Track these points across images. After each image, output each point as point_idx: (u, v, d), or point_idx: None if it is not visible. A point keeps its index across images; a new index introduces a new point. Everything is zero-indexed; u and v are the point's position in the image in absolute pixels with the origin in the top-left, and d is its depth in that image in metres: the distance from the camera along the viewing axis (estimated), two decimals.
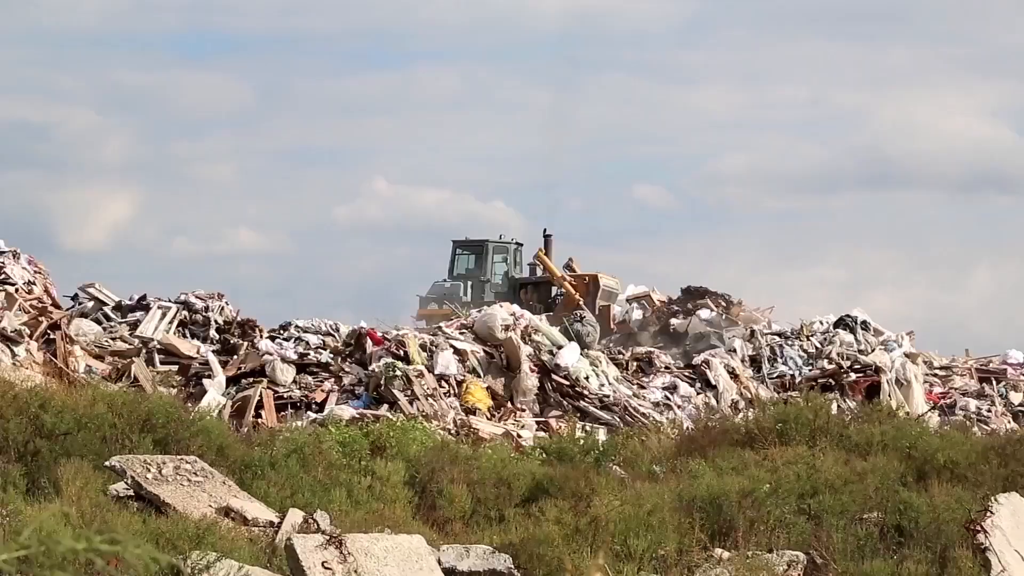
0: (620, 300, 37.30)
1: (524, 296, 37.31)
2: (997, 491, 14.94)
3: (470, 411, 24.67)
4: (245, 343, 26.57)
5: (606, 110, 76.51)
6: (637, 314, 36.46)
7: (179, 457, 14.63)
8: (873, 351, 31.27)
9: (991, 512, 13.62)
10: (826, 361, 31.00)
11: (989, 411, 31.30)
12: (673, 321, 34.56)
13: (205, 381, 24.74)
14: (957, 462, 17.33)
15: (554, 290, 37.55)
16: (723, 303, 36.01)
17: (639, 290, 37.99)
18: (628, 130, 78.18)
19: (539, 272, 37.85)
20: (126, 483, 13.99)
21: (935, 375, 33.59)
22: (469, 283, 37.18)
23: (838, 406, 24.89)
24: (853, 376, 30.03)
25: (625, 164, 79.70)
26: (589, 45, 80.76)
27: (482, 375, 25.96)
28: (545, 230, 37.90)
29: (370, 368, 25.18)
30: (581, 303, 35.74)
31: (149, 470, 14.06)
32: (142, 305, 27.94)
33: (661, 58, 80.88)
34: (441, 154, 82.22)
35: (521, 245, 38.29)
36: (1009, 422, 30.21)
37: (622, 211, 72.76)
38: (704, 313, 34.79)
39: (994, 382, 33.31)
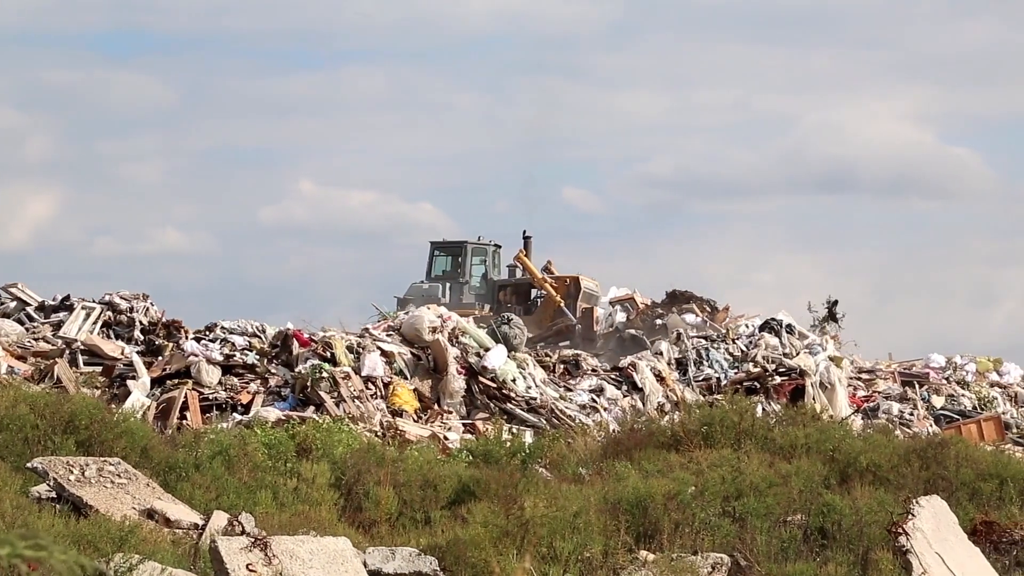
0: (603, 303, 37.20)
1: (503, 298, 37.19)
2: (919, 493, 15.11)
3: (397, 413, 24.61)
4: (170, 344, 26.37)
5: (533, 113, 76.63)
6: (621, 317, 36.35)
7: (102, 459, 14.51)
8: (798, 354, 31.49)
9: (912, 514, 13.77)
10: (751, 364, 31.18)
11: (911, 414, 31.63)
12: (658, 322, 34.49)
13: (129, 382, 24.53)
14: (880, 465, 17.50)
15: (533, 292, 37.42)
16: (708, 308, 36.07)
17: (622, 293, 37.88)
18: (555, 133, 78.29)
19: (519, 274, 37.67)
20: (48, 485, 13.85)
21: (859, 378, 33.89)
22: (447, 284, 36.99)
23: (763, 409, 25.06)
24: (778, 379, 30.23)
25: (552, 167, 79.88)
26: (516, 47, 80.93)
27: (409, 377, 25.91)
28: (525, 232, 37.75)
29: (296, 370, 25.07)
30: (562, 305, 35.65)
31: (72, 472, 13.94)
32: (65, 305, 27.68)
33: (587, 61, 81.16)
34: (368, 155, 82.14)
35: (500, 247, 38.12)
36: (931, 425, 30.53)
37: (550, 214, 72.90)
38: (690, 318, 34.80)
39: (917, 386, 33.66)
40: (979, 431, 29.26)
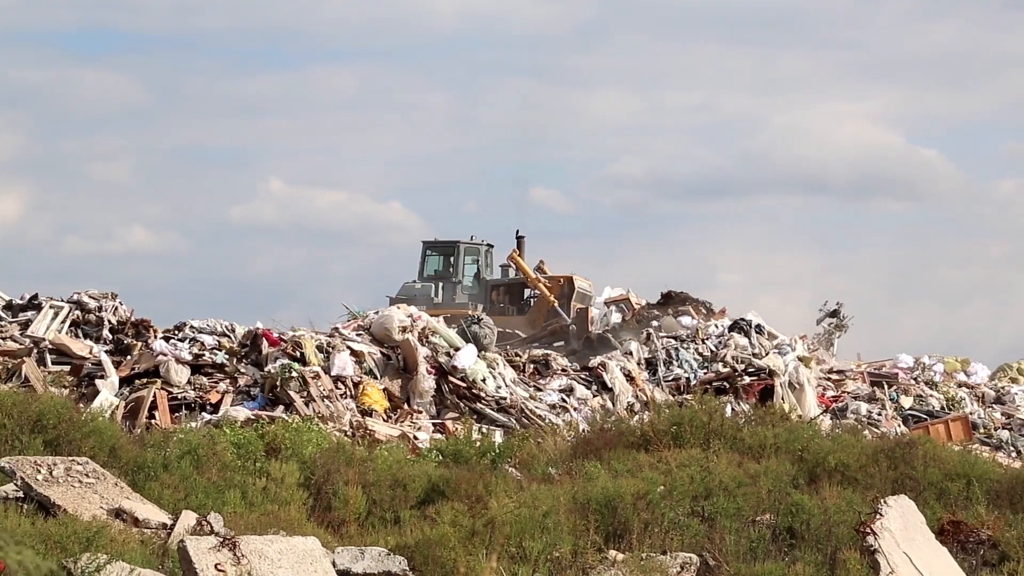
0: (597, 303, 37.09)
1: (495, 297, 37.06)
2: (886, 493, 15.16)
3: (366, 413, 24.58)
4: (139, 343, 26.29)
5: (503, 113, 76.72)
6: (616, 317, 36.20)
7: (70, 458, 14.46)
8: (767, 354, 31.57)
9: (880, 514, 13.82)
10: (721, 364, 31.24)
11: (879, 414, 31.73)
12: (654, 323, 34.43)
13: (98, 382, 24.44)
14: (848, 465, 17.56)
15: (527, 292, 37.28)
16: (703, 310, 36.02)
17: (616, 293, 37.73)
18: (525, 133, 78.34)
19: (512, 274, 37.49)
20: (15, 484, 13.80)
21: (829, 379, 33.99)
22: (440, 284, 36.80)
23: (732, 409, 25.11)
24: (747, 379, 30.29)
25: (522, 167, 79.92)
26: (486, 48, 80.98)
27: (379, 377, 25.88)
28: (518, 231, 37.57)
29: (266, 369, 25.01)
30: (556, 305, 35.52)
31: (39, 471, 13.89)
32: (33, 304, 27.54)
33: (557, 62, 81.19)
34: (337, 155, 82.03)
35: (492, 246, 37.94)
36: (899, 425, 30.64)
37: (519, 214, 72.98)
38: (686, 320, 34.74)
39: (886, 386, 33.78)
40: (947, 431, 29.38)
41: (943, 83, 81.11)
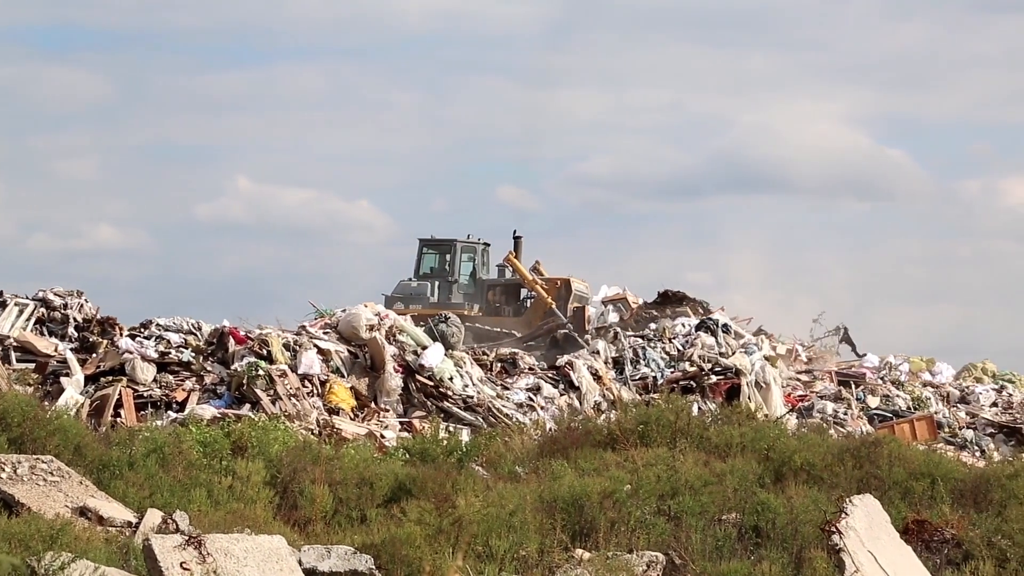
0: (595, 303, 37.04)
1: (491, 297, 36.93)
2: (852, 492, 15.23)
3: (333, 411, 24.56)
4: (104, 341, 26.19)
5: (471, 111, 76.77)
6: (613, 317, 36.17)
7: (35, 456, 14.41)
8: (733, 354, 31.65)
9: (846, 513, 13.87)
10: (687, 363, 31.32)
11: (846, 414, 31.86)
12: (652, 325, 34.37)
13: (63, 379, 24.35)
14: (814, 464, 17.62)
15: (523, 292, 37.18)
16: (701, 310, 36.03)
17: (613, 292, 37.70)
18: (492, 132, 78.42)
19: (509, 274, 37.35)
20: None
21: (798, 379, 34.12)
22: (436, 283, 36.64)
23: (699, 408, 25.18)
24: (714, 378, 30.37)
25: (490, 166, 79.98)
26: (454, 46, 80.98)
27: (346, 375, 25.85)
28: (515, 232, 37.40)
29: (232, 367, 24.96)
30: (553, 307, 35.45)
31: (3, 469, 13.83)
32: None
33: (525, 60, 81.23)
34: (305, 153, 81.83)
35: (488, 245, 37.75)
36: (865, 425, 30.78)
37: (487, 213, 72.95)
38: (683, 320, 34.72)
39: (853, 385, 33.93)
40: (912, 430, 29.51)
41: (910, 83, 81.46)
